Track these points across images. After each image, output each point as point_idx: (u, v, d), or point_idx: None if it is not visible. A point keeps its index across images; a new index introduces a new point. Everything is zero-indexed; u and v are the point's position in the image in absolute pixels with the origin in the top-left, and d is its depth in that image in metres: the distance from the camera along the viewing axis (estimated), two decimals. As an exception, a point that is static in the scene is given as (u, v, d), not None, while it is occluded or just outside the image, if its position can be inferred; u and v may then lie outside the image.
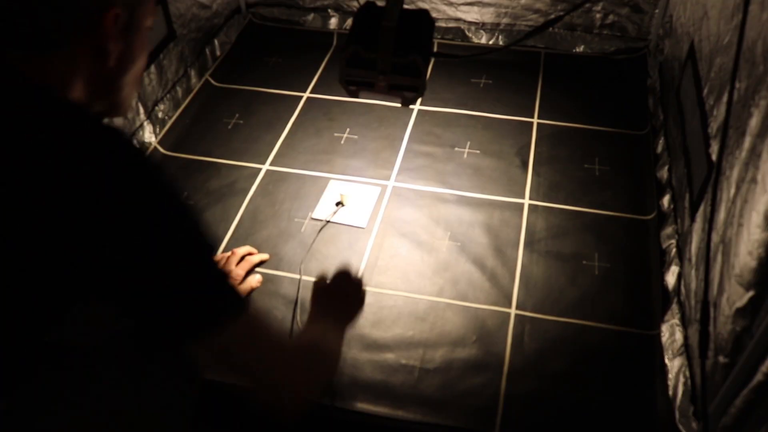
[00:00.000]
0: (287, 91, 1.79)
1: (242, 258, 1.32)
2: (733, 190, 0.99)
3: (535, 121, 1.67)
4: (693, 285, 1.15)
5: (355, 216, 1.43)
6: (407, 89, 1.12)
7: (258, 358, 0.73)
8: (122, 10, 0.68)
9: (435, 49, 1.88)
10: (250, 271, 1.32)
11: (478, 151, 1.59)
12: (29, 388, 0.72)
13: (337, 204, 1.44)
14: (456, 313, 1.25)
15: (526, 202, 1.46)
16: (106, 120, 0.76)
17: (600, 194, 1.48)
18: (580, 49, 1.88)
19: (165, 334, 0.68)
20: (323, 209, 1.45)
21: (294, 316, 1.25)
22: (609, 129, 1.64)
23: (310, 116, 1.71)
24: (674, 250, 1.30)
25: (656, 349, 1.18)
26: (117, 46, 0.70)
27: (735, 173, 1.00)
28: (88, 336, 0.78)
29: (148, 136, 1.61)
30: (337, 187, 1.50)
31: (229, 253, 1.32)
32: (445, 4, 1.93)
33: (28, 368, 0.71)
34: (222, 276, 0.69)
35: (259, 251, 1.36)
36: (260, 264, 1.33)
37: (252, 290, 1.29)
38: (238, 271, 1.29)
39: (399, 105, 1.16)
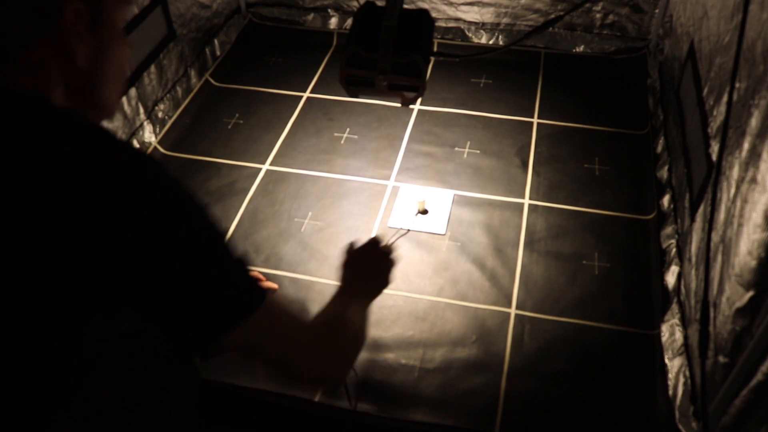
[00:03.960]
0: (287, 91, 1.79)
1: None
2: (733, 190, 0.99)
3: (535, 121, 1.67)
4: (693, 285, 1.15)
5: (432, 222, 1.41)
6: (407, 89, 1.12)
7: (281, 340, 0.72)
8: (83, 3, 0.62)
9: (435, 49, 1.88)
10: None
11: (478, 151, 1.59)
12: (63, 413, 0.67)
13: (424, 213, 1.43)
14: (456, 313, 1.25)
15: (526, 201, 1.46)
16: (101, 122, 0.72)
17: (600, 194, 1.47)
18: (580, 49, 1.88)
19: (195, 335, 0.65)
20: (399, 217, 1.42)
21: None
22: (609, 129, 1.64)
23: (310, 116, 1.71)
24: (674, 250, 1.30)
25: (656, 349, 1.18)
26: (85, 44, 0.64)
27: (735, 173, 1.00)
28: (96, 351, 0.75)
29: (148, 135, 1.61)
30: (409, 193, 1.47)
31: None
32: (445, 4, 1.93)
33: (57, 392, 0.66)
34: (243, 268, 0.67)
35: (259, 251, 1.36)
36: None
37: None
38: None
39: (399, 105, 1.16)
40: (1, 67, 0.61)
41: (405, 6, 1.10)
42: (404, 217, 1.42)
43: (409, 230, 1.39)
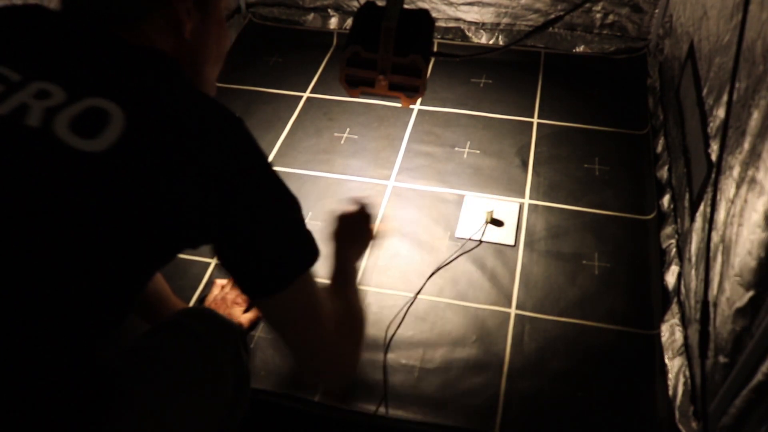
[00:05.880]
0: (287, 90, 1.79)
1: None
2: (733, 190, 0.99)
3: (535, 121, 1.67)
4: (693, 285, 1.15)
5: (501, 234, 1.39)
6: (407, 89, 1.12)
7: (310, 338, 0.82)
8: None
9: (435, 49, 1.88)
10: None
11: (478, 151, 1.59)
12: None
13: (495, 223, 1.40)
14: (456, 312, 1.25)
15: (526, 201, 1.46)
16: None
17: (600, 194, 1.48)
18: (580, 49, 1.88)
19: (265, 281, 0.73)
20: (467, 228, 1.39)
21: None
22: (609, 129, 1.64)
23: (310, 116, 1.71)
24: (674, 249, 1.30)
25: (656, 349, 1.18)
26: (190, 20, 0.76)
27: (735, 173, 1.00)
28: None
29: (148, 136, 1.61)
30: (475, 203, 1.44)
31: None
32: (445, 4, 1.93)
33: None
34: (308, 230, 0.77)
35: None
36: None
37: (257, 320, 1.23)
38: (242, 297, 1.23)
39: (399, 105, 1.16)
40: (125, 32, 0.72)
41: (405, 6, 1.10)
42: (472, 228, 1.39)
43: (480, 241, 1.37)
